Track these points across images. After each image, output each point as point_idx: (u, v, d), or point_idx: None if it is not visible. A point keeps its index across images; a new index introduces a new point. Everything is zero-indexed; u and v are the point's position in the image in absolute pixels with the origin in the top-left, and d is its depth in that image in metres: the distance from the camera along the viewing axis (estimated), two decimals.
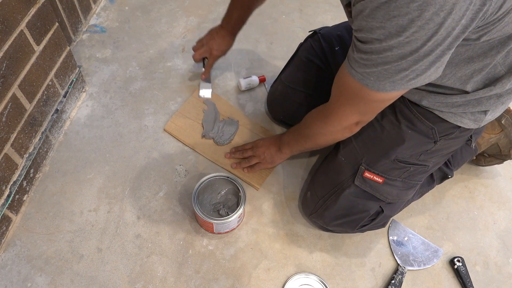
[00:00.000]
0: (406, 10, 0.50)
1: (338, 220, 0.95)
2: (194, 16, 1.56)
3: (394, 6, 0.50)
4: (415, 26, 0.51)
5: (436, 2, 0.48)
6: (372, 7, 0.53)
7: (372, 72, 0.61)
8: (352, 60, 0.64)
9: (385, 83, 0.61)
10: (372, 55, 0.59)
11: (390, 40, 0.54)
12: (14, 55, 0.91)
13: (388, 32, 0.53)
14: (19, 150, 0.99)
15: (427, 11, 0.49)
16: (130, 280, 0.94)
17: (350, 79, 0.66)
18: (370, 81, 0.62)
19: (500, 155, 1.10)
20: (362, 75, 0.63)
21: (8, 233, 0.98)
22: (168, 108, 1.26)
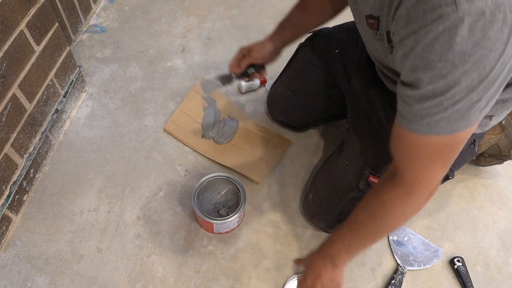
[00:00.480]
0: (468, 34, 0.45)
1: (340, 223, 0.95)
2: (194, 16, 1.56)
3: (454, 32, 0.45)
4: (481, 49, 0.46)
5: (499, 19, 0.44)
6: (428, 40, 0.48)
7: (441, 118, 0.53)
8: (410, 115, 0.56)
9: (458, 123, 0.53)
10: (436, 98, 0.51)
11: (454, 72, 0.48)
12: (14, 55, 0.91)
13: (451, 64, 0.47)
14: (19, 150, 0.99)
15: (491, 29, 0.45)
16: (130, 280, 0.94)
17: (414, 136, 0.57)
18: (441, 127, 0.54)
19: (500, 155, 1.10)
20: (429, 125, 0.54)
21: (8, 233, 0.98)
22: (168, 108, 1.26)
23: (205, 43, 1.47)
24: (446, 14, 0.45)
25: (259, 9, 1.62)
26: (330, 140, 1.23)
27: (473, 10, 0.44)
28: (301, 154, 1.19)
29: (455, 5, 0.44)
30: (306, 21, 0.96)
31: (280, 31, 0.98)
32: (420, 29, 0.48)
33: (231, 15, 1.58)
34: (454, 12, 0.44)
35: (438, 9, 0.46)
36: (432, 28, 0.47)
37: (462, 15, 0.44)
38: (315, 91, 1.09)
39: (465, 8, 0.44)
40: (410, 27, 0.50)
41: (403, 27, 0.52)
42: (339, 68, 1.02)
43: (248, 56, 0.99)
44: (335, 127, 1.25)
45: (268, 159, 1.16)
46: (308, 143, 1.22)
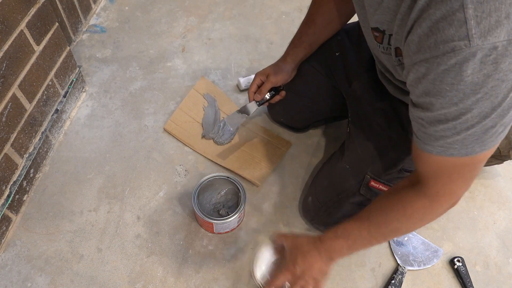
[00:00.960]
0: (479, 67, 0.45)
1: None
2: (194, 16, 1.56)
3: (466, 66, 0.46)
4: (492, 80, 0.46)
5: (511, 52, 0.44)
6: (439, 71, 0.48)
7: (454, 141, 0.54)
8: (425, 136, 0.57)
9: (473, 146, 0.54)
10: (448, 122, 0.52)
11: (466, 100, 0.48)
12: (14, 55, 0.91)
13: (462, 94, 0.48)
14: (19, 150, 0.99)
15: (503, 63, 0.45)
16: (130, 280, 0.94)
17: (431, 156, 0.58)
18: (455, 150, 0.55)
19: (500, 155, 1.10)
20: (443, 147, 0.55)
21: (8, 233, 0.98)
22: (168, 108, 1.26)
23: (205, 43, 1.47)
24: (458, 48, 0.45)
25: (259, 9, 1.62)
26: (330, 140, 1.23)
27: (486, 46, 0.44)
28: (301, 154, 1.19)
29: (468, 40, 0.44)
30: (316, 36, 0.97)
31: (294, 50, 0.98)
32: (432, 59, 0.48)
33: (231, 15, 1.58)
34: (467, 47, 0.45)
35: (451, 42, 0.46)
36: (444, 60, 0.47)
37: (474, 50, 0.45)
38: (315, 93, 1.08)
39: (478, 44, 0.44)
40: (422, 55, 0.50)
41: (415, 53, 0.51)
42: (340, 71, 1.02)
43: (267, 81, 0.99)
44: (335, 128, 1.25)
45: (268, 161, 1.16)
46: (308, 144, 1.22)
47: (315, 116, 1.16)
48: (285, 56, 0.99)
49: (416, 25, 0.50)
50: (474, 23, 0.44)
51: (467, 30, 0.44)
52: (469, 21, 0.44)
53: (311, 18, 0.95)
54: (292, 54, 0.98)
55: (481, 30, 0.44)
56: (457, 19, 0.45)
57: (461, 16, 0.44)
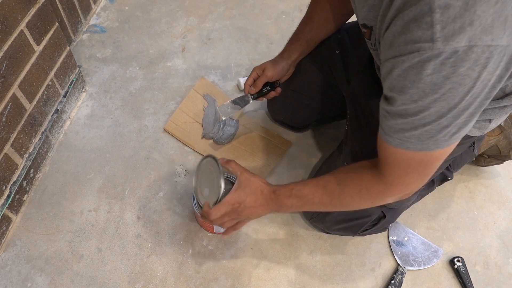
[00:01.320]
0: (439, 68, 0.48)
1: (339, 224, 0.95)
2: (194, 16, 1.56)
3: (427, 65, 0.49)
4: (450, 83, 0.49)
5: (470, 58, 0.47)
6: (404, 67, 0.51)
7: (411, 135, 0.57)
8: (386, 127, 0.61)
9: (428, 143, 0.57)
10: (408, 117, 0.56)
11: (424, 99, 0.52)
12: (14, 55, 0.91)
13: (422, 91, 0.51)
14: (19, 150, 0.99)
15: (462, 67, 0.48)
16: (130, 280, 0.94)
17: (390, 147, 0.62)
18: (411, 144, 0.58)
19: (500, 156, 1.10)
20: (401, 139, 0.59)
21: (8, 233, 0.98)
22: (168, 108, 1.26)
23: (205, 43, 1.47)
24: (423, 49, 0.48)
25: (259, 9, 1.62)
26: (330, 140, 1.23)
27: (447, 49, 0.47)
28: (301, 154, 1.19)
29: (432, 42, 0.47)
30: (313, 34, 0.98)
31: (291, 46, 0.99)
32: (399, 56, 0.51)
33: (231, 15, 1.58)
34: (430, 49, 0.47)
35: (417, 43, 0.48)
36: (409, 58, 0.50)
37: (437, 52, 0.47)
38: (315, 91, 1.09)
39: (440, 47, 0.47)
40: (391, 52, 0.53)
41: (387, 49, 0.55)
42: (339, 70, 1.02)
43: (262, 75, 1.00)
44: (335, 127, 1.25)
45: (268, 161, 1.16)
46: (308, 143, 1.22)
47: (315, 114, 1.16)
48: (283, 52, 1.01)
49: (392, 23, 0.53)
50: (440, 27, 0.46)
51: (433, 34, 0.47)
52: (435, 25, 0.46)
53: (309, 16, 0.97)
54: (289, 50, 1.00)
55: (445, 35, 0.46)
56: (425, 22, 0.47)
57: (429, 20, 0.47)
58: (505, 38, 0.46)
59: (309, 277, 0.97)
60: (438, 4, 0.46)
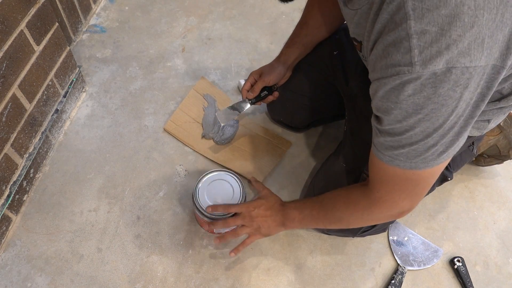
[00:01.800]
0: (420, 88, 0.50)
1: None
2: (194, 16, 1.56)
3: (408, 86, 0.50)
4: (432, 103, 0.51)
5: (450, 79, 0.48)
6: (386, 89, 0.53)
7: (400, 153, 0.59)
8: (378, 144, 0.63)
9: (416, 161, 0.59)
10: (395, 136, 0.57)
11: (409, 119, 0.53)
12: (14, 55, 0.91)
13: (405, 112, 0.53)
14: (19, 150, 0.99)
15: (442, 88, 0.49)
16: (130, 280, 0.94)
17: (380, 163, 0.63)
18: (401, 161, 0.60)
19: (499, 156, 1.10)
20: (391, 156, 0.61)
21: (8, 233, 0.98)
22: (168, 108, 1.26)
23: (205, 43, 1.47)
24: (402, 72, 0.50)
25: (259, 9, 1.62)
26: (330, 140, 1.23)
27: (425, 72, 0.48)
28: (301, 154, 1.19)
29: (411, 66, 0.49)
30: (309, 38, 0.99)
31: (287, 50, 1.00)
32: (382, 79, 0.53)
33: (231, 15, 1.58)
34: (410, 73, 0.49)
35: (397, 67, 0.50)
36: (389, 80, 0.52)
37: (415, 76, 0.49)
38: (314, 92, 1.09)
39: (418, 71, 0.49)
40: (375, 74, 0.55)
41: (371, 71, 0.57)
42: (338, 70, 1.02)
43: (260, 80, 1.01)
44: (335, 127, 1.25)
45: (268, 160, 1.16)
46: (308, 143, 1.22)
47: (315, 115, 1.16)
48: (279, 56, 1.02)
49: (375, 46, 0.55)
50: (417, 52, 0.48)
51: (411, 58, 0.48)
52: (413, 50, 0.48)
53: (304, 20, 0.98)
54: (286, 54, 1.01)
55: (422, 59, 0.48)
56: (404, 46, 0.49)
57: (406, 45, 0.49)
58: (483, 59, 0.48)
59: (309, 277, 0.97)
60: (415, 30, 0.47)
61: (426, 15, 0.47)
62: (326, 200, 0.80)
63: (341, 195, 0.78)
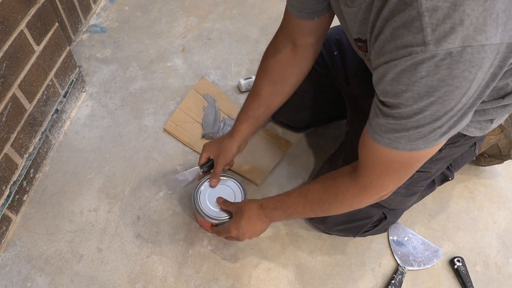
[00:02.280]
0: (434, 70, 0.47)
1: (340, 226, 0.95)
2: (194, 16, 1.56)
3: (421, 67, 0.48)
4: (446, 85, 0.48)
5: (465, 59, 0.46)
6: (397, 71, 0.50)
7: (402, 136, 0.57)
8: (376, 126, 0.59)
9: (418, 143, 0.57)
10: (401, 119, 0.55)
11: (420, 102, 0.51)
12: (14, 55, 0.91)
13: (417, 95, 0.50)
14: (19, 150, 0.99)
15: (457, 69, 0.47)
16: (130, 280, 0.94)
17: (376, 146, 0.61)
18: (400, 144, 0.58)
19: (500, 155, 1.10)
20: (390, 139, 0.58)
21: (8, 233, 0.98)
22: (168, 108, 1.26)
23: (205, 43, 1.47)
24: (415, 52, 0.47)
25: (259, 9, 1.62)
26: (330, 140, 1.23)
27: (439, 51, 0.46)
28: (301, 154, 1.19)
29: (424, 46, 0.46)
30: (262, 109, 0.93)
31: (240, 126, 0.94)
32: (391, 61, 0.51)
33: (231, 15, 1.58)
34: (423, 52, 0.47)
35: (409, 47, 0.48)
36: (400, 62, 0.49)
37: (429, 55, 0.46)
38: (314, 92, 1.08)
39: (432, 50, 0.46)
40: (383, 59, 0.53)
41: (378, 57, 0.54)
42: (339, 71, 1.02)
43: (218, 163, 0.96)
44: (335, 128, 1.25)
45: (268, 160, 1.16)
46: (308, 144, 1.22)
47: (315, 115, 1.16)
48: (232, 133, 0.95)
49: (382, 33, 0.53)
50: (430, 30, 0.46)
51: (423, 37, 0.46)
52: (426, 29, 0.46)
53: (256, 91, 0.92)
54: (239, 131, 0.94)
55: (436, 37, 0.46)
56: (415, 26, 0.47)
57: (418, 24, 0.46)
58: (498, 36, 0.46)
59: (309, 277, 0.97)
60: (426, 7, 0.45)
61: None
62: (312, 194, 0.78)
63: (328, 185, 0.77)
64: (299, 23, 0.80)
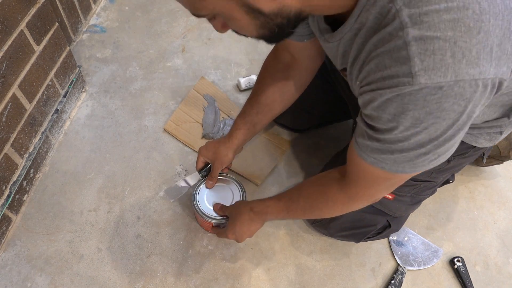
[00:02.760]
0: (422, 104, 0.45)
1: (343, 232, 0.94)
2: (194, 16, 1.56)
3: (408, 99, 0.45)
4: (433, 117, 0.46)
5: (456, 93, 0.44)
6: (382, 100, 0.48)
7: (387, 157, 0.55)
8: (362, 145, 0.58)
9: (404, 166, 0.55)
10: (385, 144, 0.53)
11: (405, 132, 0.49)
12: (14, 55, 0.91)
13: (402, 125, 0.49)
14: (19, 150, 0.99)
15: (446, 102, 0.45)
16: (130, 280, 0.94)
17: (362, 162, 0.59)
18: (387, 164, 0.56)
19: (500, 156, 1.10)
20: (376, 159, 0.57)
21: (8, 233, 0.98)
22: (168, 108, 1.26)
23: (205, 43, 1.47)
24: (402, 84, 0.45)
25: None
26: (330, 140, 1.23)
27: (429, 84, 0.43)
28: (301, 154, 1.19)
29: (411, 77, 0.44)
30: (261, 116, 0.92)
31: (237, 132, 0.93)
32: (377, 90, 0.49)
33: None
34: (410, 84, 0.44)
35: (396, 78, 0.45)
36: (386, 92, 0.47)
37: (418, 88, 0.44)
38: (316, 97, 1.08)
39: (421, 82, 0.43)
40: (369, 87, 0.50)
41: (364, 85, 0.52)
42: (339, 77, 1.01)
43: (214, 167, 0.95)
44: (335, 128, 1.25)
45: (268, 160, 1.16)
46: (307, 144, 1.22)
47: (316, 119, 1.16)
48: (228, 138, 0.94)
49: (365, 64, 0.51)
50: (418, 60, 0.43)
51: (410, 67, 0.44)
52: (413, 59, 0.43)
53: (255, 97, 0.91)
54: (235, 137, 0.93)
55: (425, 68, 0.43)
56: (402, 56, 0.44)
57: (404, 53, 0.44)
58: (492, 70, 0.43)
59: (309, 277, 0.97)
60: (413, 37, 0.43)
61: (425, 20, 0.42)
62: (301, 201, 0.79)
63: (318, 193, 0.76)
64: (291, 42, 0.79)
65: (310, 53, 0.83)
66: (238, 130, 0.93)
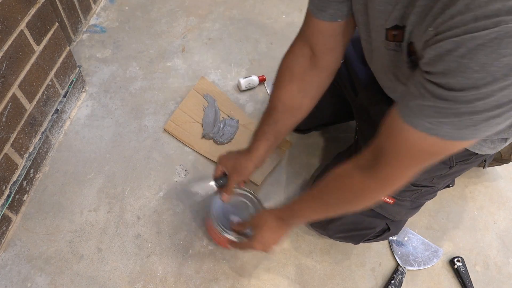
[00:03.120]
0: None
1: (342, 233, 0.94)
2: (194, 16, 1.56)
3: (507, 42, 0.39)
4: None
5: None
6: (472, 46, 0.41)
7: (449, 121, 0.47)
8: (417, 107, 0.50)
9: (464, 132, 0.47)
10: (457, 104, 0.45)
11: (491, 85, 0.41)
12: (14, 55, 0.91)
13: (492, 76, 0.41)
14: (19, 150, 0.99)
15: None
16: (130, 280, 0.94)
17: (411, 131, 0.51)
18: (444, 130, 0.48)
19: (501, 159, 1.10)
20: (433, 124, 0.48)
21: (8, 233, 0.98)
22: (168, 108, 1.26)
23: (205, 43, 1.47)
24: (504, 22, 0.38)
25: (259, 9, 1.62)
26: (330, 140, 1.23)
27: None
28: (301, 154, 1.19)
29: None
30: (280, 124, 0.86)
31: (257, 144, 0.87)
32: (465, 34, 0.41)
33: (231, 15, 1.58)
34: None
35: (495, 17, 0.39)
36: (481, 35, 0.40)
37: None
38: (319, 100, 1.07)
39: None
40: (453, 32, 0.43)
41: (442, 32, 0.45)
42: (345, 80, 1.00)
43: (231, 179, 0.91)
44: (335, 128, 1.25)
45: (268, 161, 1.15)
46: (308, 144, 1.22)
47: (318, 121, 1.15)
48: (249, 150, 0.88)
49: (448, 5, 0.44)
50: None
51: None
52: None
53: (272, 105, 0.85)
54: (256, 149, 0.87)
55: None
56: None
57: None
58: None
59: (309, 277, 0.97)
60: None
61: None
62: (328, 197, 0.72)
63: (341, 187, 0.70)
64: (319, 25, 0.74)
65: (333, 44, 0.77)
66: (258, 142, 0.87)
